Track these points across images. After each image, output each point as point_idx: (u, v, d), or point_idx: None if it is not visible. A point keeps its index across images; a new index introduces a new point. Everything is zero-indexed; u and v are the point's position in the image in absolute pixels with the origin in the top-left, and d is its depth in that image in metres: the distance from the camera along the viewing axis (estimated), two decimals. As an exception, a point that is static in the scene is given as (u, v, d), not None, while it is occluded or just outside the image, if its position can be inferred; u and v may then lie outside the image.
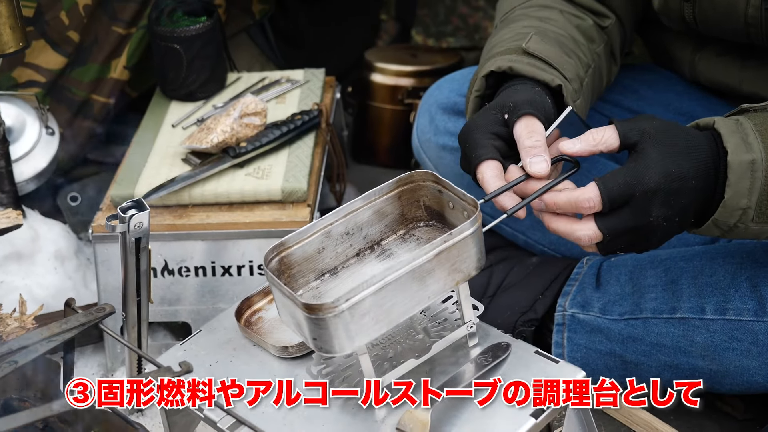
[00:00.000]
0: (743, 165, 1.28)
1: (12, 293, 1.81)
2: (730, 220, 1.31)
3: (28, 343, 1.19)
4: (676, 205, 1.29)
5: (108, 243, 1.75)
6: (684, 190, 1.29)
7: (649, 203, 1.28)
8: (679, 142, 1.30)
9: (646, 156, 1.29)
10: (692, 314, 1.54)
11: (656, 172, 1.27)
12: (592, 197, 1.28)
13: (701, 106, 1.80)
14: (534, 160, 1.32)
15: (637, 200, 1.28)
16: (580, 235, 1.32)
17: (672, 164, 1.28)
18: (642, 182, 1.27)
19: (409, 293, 1.18)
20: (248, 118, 1.83)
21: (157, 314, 1.82)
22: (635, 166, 1.29)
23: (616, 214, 1.29)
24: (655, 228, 1.30)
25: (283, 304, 1.19)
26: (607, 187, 1.27)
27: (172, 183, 1.76)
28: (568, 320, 1.64)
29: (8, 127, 1.93)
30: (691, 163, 1.29)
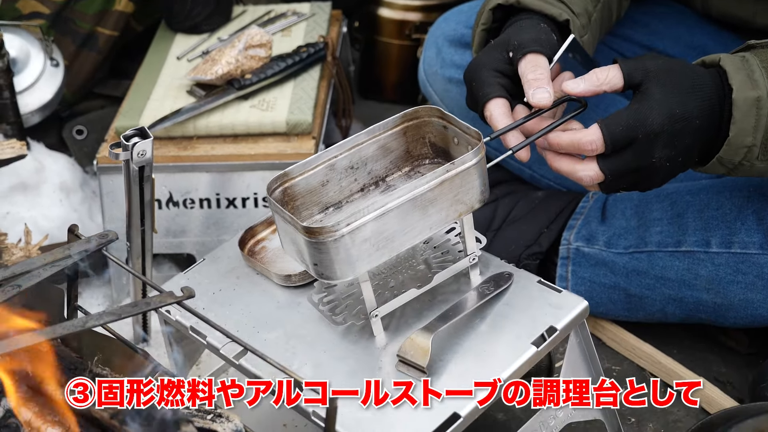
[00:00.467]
0: (748, 102, 1.27)
1: (17, 224, 1.81)
2: (734, 158, 1.30)
3: (31, 267, 1.19)
4: (680, 145, 1.28)
5: (113, 174, 1.75)
6: (687, 130, 1.28)
7: (651, 145, 1.27)
8: (683, 81, 1.29)
9: (650, 97, 1.28)
10: (697, 247, 1.54)
11: (660, 114, 1.26)
12: (594, 139, 1.27)
13: (712, 40, 1.78)
14: (536, 92, 1.31)
15: (640, 142, 1.27)
16: (582, 175, 1.31)
17: (676, 105, 1.27)
18: (645, 124, 1.26)
19: (410, 222, 1.18)
20: (253, 50, 1.82)
21: (162, 246, 1.82)
22: (639, 108, 1.28)
23: (619, 156, 1.29)
24: (657, 169, 1.30)
25: (285, 230, 1.19)
26: (609, 129, 1.27)
27: (177, 114, 1.75)
28: (572, 254, 1.64)
29: (12, 59, 1.92)
30: (696, 102, 1.27)
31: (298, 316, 1.30)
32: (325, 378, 1.19)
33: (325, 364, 1.22)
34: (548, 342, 1.22)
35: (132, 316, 1.62)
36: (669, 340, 1.69)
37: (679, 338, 1.70)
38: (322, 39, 1.96)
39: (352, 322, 1.25)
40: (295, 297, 1.33)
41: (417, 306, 1.28)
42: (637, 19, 1.85)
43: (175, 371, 1.44)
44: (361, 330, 1.26)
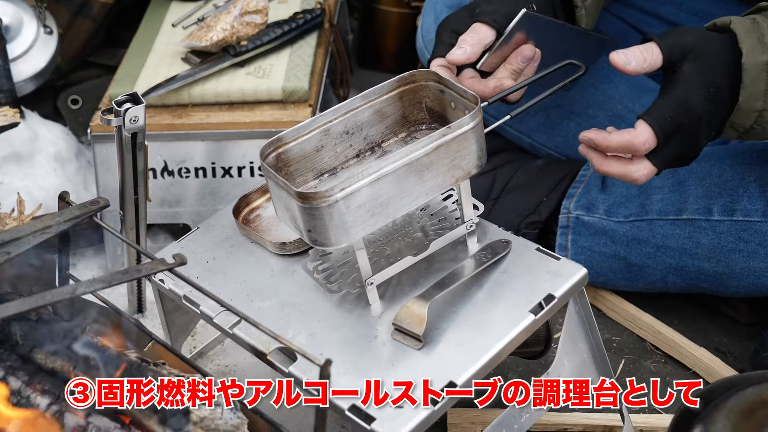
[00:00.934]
0: (758, 66, 1.26)
1: (11, 194, 1.79)
2: (746, 122, 1.29)
3: (21, 234, 1.17)
4: (716, 120, 1.29)
5: (107, 143, 1.73)
6: (721, 104, 1.28)
7: (697, 128, 1.27)
8: (712, 55, 1.28)
9: (689, 79, 1.27)
10: (699, 215, 1.52)
11: (699, 97, 1.26)
12: (647, 137, 1.25)
13: (715, 5, 1.75)
14: (453, 50, 1.33)
15: (686, 127, 1.26)
16: (637, 176, 1.29)
17: (711, 84, 1.26)
18: (689, 110, 1.26)
19: (406, 187, 1.16)
20: (249, 16, 1.79)
21: (158, 216, 1.80)
22: (680, 93, 1.27)
23: (668, 145, 1.28)
24: (701, 146, 1.30)
25: (278, 196, 1.16)
26: (658, 123, 1.25)
27: (172, 81, 1.73)
28: (572, 222, 1.62)
29: (5, 26, 1.89)
30: (723, 74, 1.27)
31: (292, 284, 1.28)
32: (320, 347, 1.18)
33: (320, 333, 1.20)
34: (546, 310, 1.20)
35: (123, 283, 1.60)
36: (669, 310, 1.67)
37: (679, 308, 1.69)
38: (319, 5, 1.94)
39: (347, 291, 1.23)
40: (290, 265, 1.31)
41: (413, 274, 1.26)
42: None
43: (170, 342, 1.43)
44: (357, 298, 1.24)
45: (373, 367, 1.15)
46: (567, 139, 1.75)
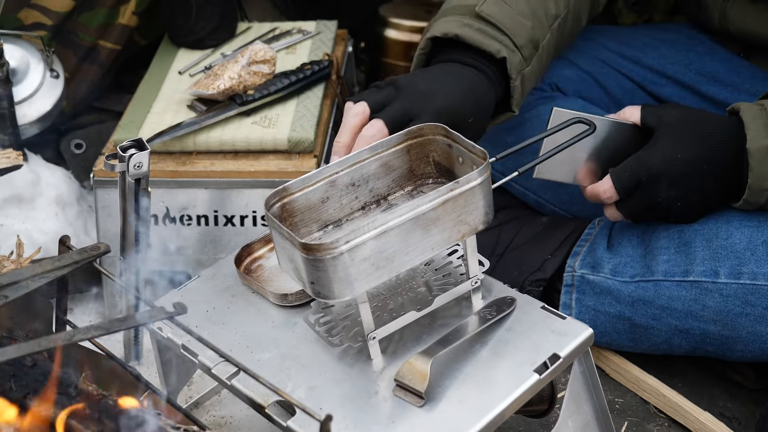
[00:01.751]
0: (762, 150, 1.39)
1: (11, 237, 1.78)
2: (759, 200, 1.45)
3: (19, 278, 1.15)
4: (686, 186, 1.44)
5: (109, 188, 1.72)
6: (693, 174, 1.43)
7: (655, 186, 1.44)
8: (694, 128, 1.44)
9: (655, 143, 1.44)
10: (705, 277, 1.50)
11: (659, 158, 1.43)
12: (607, 189, 1.47)
13: (724, 67, 1.76)
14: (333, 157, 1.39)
15: (644, 184, 1.44)
16: (608, 215, 1.54)
17: (679, 150, 1.42)
18: (645, 168, 1.44)
19: (412, 241, 1.14)
20: (257, 65, 1.79)
21: (157, 263, 1.78)
22: (642, 154, 1.45)
23: (632, 198, 1.47)
24: (669, 207, 1.47)
25: (282, 247, 1.15)
26: (618, 177, 1.46)
27: (177, 128, 1.72)
28: (577, 281, 1.60)
29: (12, 69, 1.89)
30: (703, 148, 1.43)
31: (293, 336, 1.26)
32: (319, 402, 1.16)
33: (320, 386, 1.18)
34: (551, 370, 1.18)
35: (121, 331, 1.58)
36: (674, 372, 1.65)
37: (684, 371, 1.66)
38: (327, 57, 1.94)
39: (348, 345, 1.21)
40: (291, 317, 1.29)
41: (416, 329, 1.24)
42: (647, 43, 1.82)
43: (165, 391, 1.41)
44: (358, 353, 1.22)
45: (373, 424, 1.12)
46: (573, 196, 1.74)
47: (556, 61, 1.82)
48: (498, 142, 1.74)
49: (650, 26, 1.85)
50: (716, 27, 1.73)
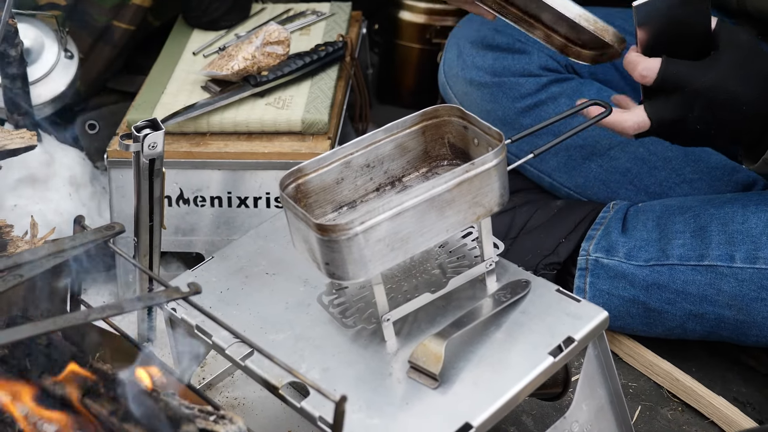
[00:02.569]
0: None
1: (25, 217, 1.78)
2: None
3: (34, 257, 1.15)
4: (717, 116, 1.34)
5: (123, 169, 1.72)
6: (730, 108, 1.33)
7: (691, 102, 1.33)
8: (755, 65, 1.34)
9: (715, 61, 1.33)
10: (721, 262, 1.49)
11: (711, 79, 1.32)
12: (651, 67, 1.33)
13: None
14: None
15: (684, 94, 1.33)
16: (630, 124, 1.37)
17: (732, 80, 1.32)
18: (694, 79, 1.32)
19: (427, 223, 1.14)
20: (271, 46, 1.78)
21: (171, 244, 1.79)
22: (700, 64, 1.34)
23: (665, 99, 1.35)
24: (689, 127, 1.36)
25: (297, 228, 1.15)
26: (667, 66, 1.33)
27: (191, 109, 1.72)
28: (591, 265, 1.59)
29: (26, 49, 1.88)
30: (752, 88, 1.33)
31: (307, 318, 1.26)
32: (333, 383, 1.15)
33: (334, 368, 1.18)
34: (565, 353, 1.17)
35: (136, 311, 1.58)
36: (687, 357, 1.64)
37: (697, 356, 1.65)
38: (341, 38, 1.93)
39: (362, 326, 1.21)
40: (305, 298, 1.29)
41: (430, 311, 1.24)
42: None
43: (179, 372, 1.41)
44: (372, 334, 1.22)
45: (387, 405, 1.12)
46: (588, 180, 1.74)
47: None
48: (514, 125, 1.74)
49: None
50: (734, 7, 1.71)
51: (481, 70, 1.77)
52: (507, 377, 1.14)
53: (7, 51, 1.80)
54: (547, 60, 1.76)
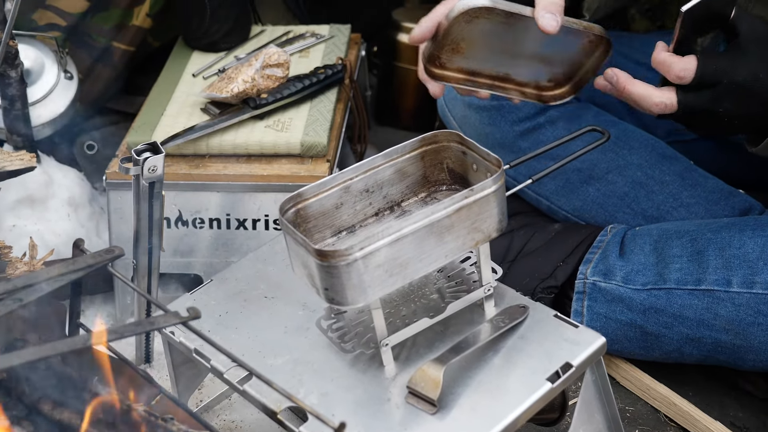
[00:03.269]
0: None
1: (23, 238, 1.78)
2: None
3: (34, 281, 1.15)
4: (747, 107, 1.35)
5: (122, 190, 1.72)
6: (760, 99, 1.34)
7: (727, 94, 1.33)
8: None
9: (746, 52, 1.33)
10: (718, 286, 1.49)
11: (748, 70, 1.32)
12: (689, 68, 1.32)
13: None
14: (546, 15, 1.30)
15: (721, 87, 1.33)
16: (657, 101, 1.35)
17: (764, 74, 1.32)
18: (733, 72, 1.32)
19: (425, 248, 1.14)
20: (270, 69, 1.79)
21: (170, 266, 1.79)
22: (734, 56, 1.34)
23: (699, 93, 1.34)
24: (720, 118, 1.36)
25: (296, 252, 1.15)
26: (704, 63, 1.32)
27: (190, 131, 1.72)
28: (588, 288, 1.60)
29: (26, 69, 1.89)
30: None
31: (306, 341, 1.26)
32: (332, 408, 1.16)
33: (332, 393, 1.18)
34: (563, 379, 1.18)
35: (135, 336, 1.58)
36: (685, 381, 1.65)
37: (695, 380, 1.66)
38: (341, 61, 1.94)
39: (361, 351, 1.21)
40: (304, 322, 1.30)
41: (429, 336, 1.24)
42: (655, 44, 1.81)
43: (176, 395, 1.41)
44: (371, 359, 1.22)
45: (385, 431, 1.12)
46: (585, 203, 1.74)
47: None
48: (512, 148, 1.74)
49: (664, 33, 1.84)
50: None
51: (480, 94, 1.77)
52: (505, 403, 1.14)
53: (7, 72, 1.81)
54: (546, 84, 1.77)
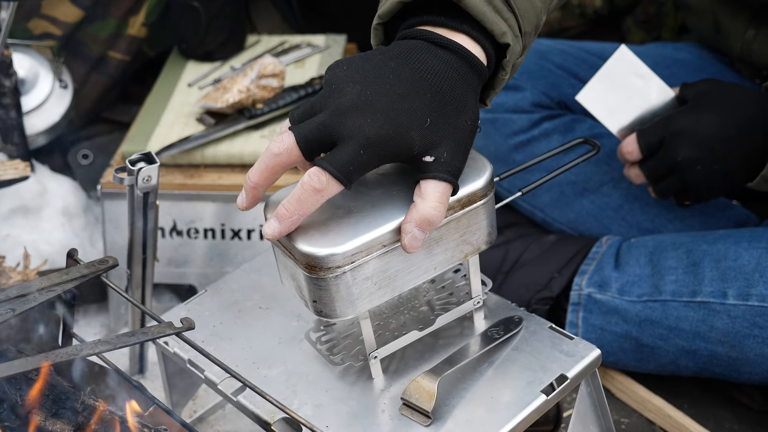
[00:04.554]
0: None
1: (17, 247, 1.78)
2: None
3: (27, 291, 1.15)
4: (709, 150, 1.43)
5: (117, 200, 1.72)
6: (716, 136, 1.43)
7: (677, 143, 1.43)
8: (726, 96, 1.44)
9: (687, 108, 1.45)
10: (713, 298, 1.49)
11: (685, 118, 1.44)
12: (631, 147, 1.47)
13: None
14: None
15: (667, 141, 1.44)
16: (629, 174, 1.53)
17: (707, 113, 1.42)
18: (671, 125, 1.45)
19: (414, 261, 1.13)
20: (266, 79, 1.79)
21: (164, 276, 1.78)
22: (670, 115, 1.46)
23: (654, 158, 1.47)
24: (690, 170, 1.45)
25: (284, 265, 1.14)
26: (643, 135, 1.47)
27: (185, 141, 1.72)
28: (584, 300, 1.59)
29: (21, 79, 1.89)
30: (733, 115, 1.43)
31: (300, 352, 1.26)
32: (326, 419, 1.15)
33: (326, 404, 1.18)
34: (558, 391, 1.17)
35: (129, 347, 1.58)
36: (680, 393, 1.64)
37: (690, 392, 1.65)
38: (336, 72, 1.94)
39: (350, 363, 1.20)
40: (298, 333, 1.29)
41: (419, 348, 1.23)
42: (658, 62, 1.81)
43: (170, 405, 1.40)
44: (360, 371, 1.21)
45: (379, 443, 1.12)
46: (580, 215, 1.74)
47: (564, 79, 1.82)
48: (506, 161, 1.74)
49: (661, 45, 1.84)
50: (736, 54, 1.72)
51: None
52: (499, 415, 1.14)
53: (1, 81, 1.81)
54: (540, 97, 1.77)
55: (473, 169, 1.16)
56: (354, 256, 1.08)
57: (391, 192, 1.13)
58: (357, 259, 1.08)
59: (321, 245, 1.07)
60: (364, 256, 1.08)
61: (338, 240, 1.08)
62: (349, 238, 1.08)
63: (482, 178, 1.14)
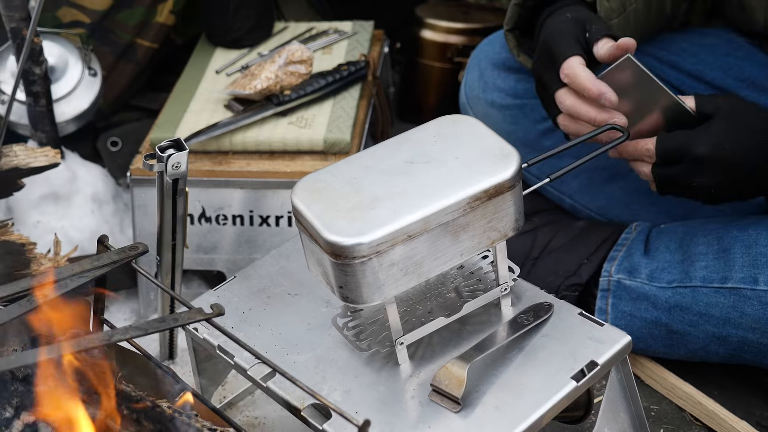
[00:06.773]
0: None
1: (48, 234, 1.79)
2: None
3: (58, 277, 1.16)
4: (725, 178, 1.40)
5: (146, 187, 1.73)
6: (736, 168, 1.39)
7: (695, 170, 1.39)
8: (746, 122, 1.40)
9: (708, 128, 1.39)
10: (744, 284, 1.48)
11: (707, 144, 1.38)
12: (650, 148, 1.42)
13: (764, 73, 1.73)
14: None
15: (686, 163, 1.40)
16: (638, 170, 1.46)
17: (728, 141, 1.38)
18: (692, 148, 1.39)
19: (441, 247, 1.13)
20: (293, 66, 1.79)
21: (193, 262, 1.79)
22: (694, 134, 1.39)
23: (668, 168, 1.42)
24: (699, 192, 1.43)
25: (311, 250, 1.15)
26: (663, 144, 1.41)
27: (214, 128, 1.72)
28: (613, 286, 1.59)
29: (50, 66, 1.90)
30: (751, 143, 1.38)
31: (329, 339, 1.26)
32: (355, 405, 1.15)
33: (355, 390, 1.18)
34: (588, 377, 1.17)
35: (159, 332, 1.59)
36: (710, 380, 1.63)
37: (720, 379, 1.64)
38: (364, 57, 1.94)
39: (376, 349, 1.21)
40: (327, 319, 1.29)
41: (445, 335, 1.23)
42: (685, 48, 1.80)
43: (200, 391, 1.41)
44: (387, 357, 1.21)
45: (409, 429, 1.12)
46: (609, 201, 1.73)
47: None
48: (535, 147, 1.73)
49: (688, 31, 1.82)
50: (760, 29, 1.70)
51: (503, 92, 1.77)
52: (529, 402, 1.13)
53: (31, 69, 1.82)
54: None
55: (500, 158, 1.15)
56: (380, 246, 1.08)
57: (418, 180, 1.13)
58: (383, 248, 1.08)
59: (347, 234, 1.08)
60: (390, 245, 1.08)
61: (364, 229, 1.08)
62: (375, 227, 1.08)
63: (510, 168, 1.14)
